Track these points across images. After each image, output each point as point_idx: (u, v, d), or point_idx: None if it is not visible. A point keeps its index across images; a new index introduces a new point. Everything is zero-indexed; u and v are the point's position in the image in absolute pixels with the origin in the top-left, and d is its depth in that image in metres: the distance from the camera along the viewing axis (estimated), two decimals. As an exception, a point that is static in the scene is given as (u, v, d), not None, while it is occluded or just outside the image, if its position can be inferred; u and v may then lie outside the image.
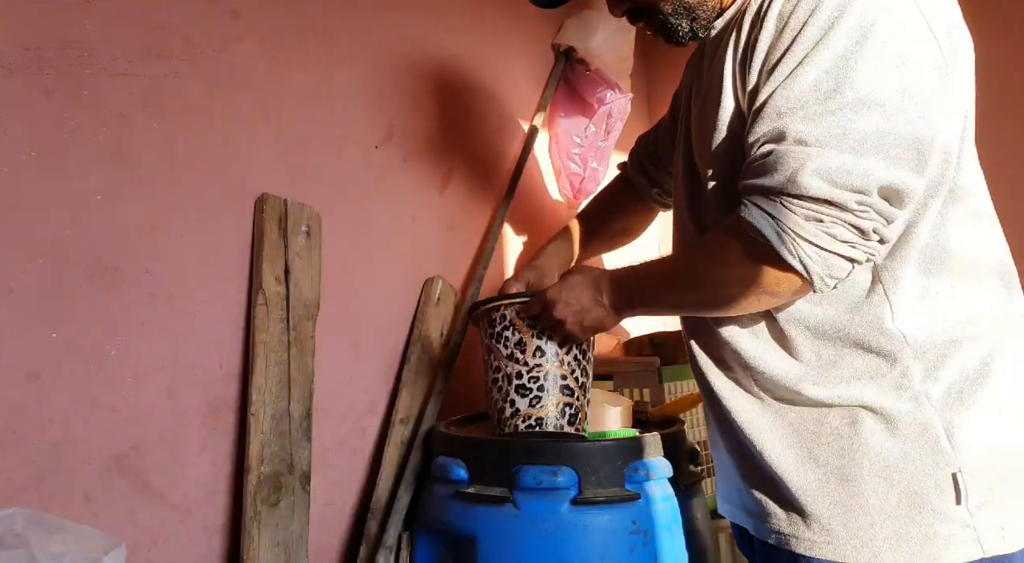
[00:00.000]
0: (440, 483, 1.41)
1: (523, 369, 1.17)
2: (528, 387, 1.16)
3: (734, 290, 0.90)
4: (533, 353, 1.16)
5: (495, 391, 1.21)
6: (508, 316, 1.18)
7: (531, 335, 1.16)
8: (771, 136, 0.84)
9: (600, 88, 2.06)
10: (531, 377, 1.16)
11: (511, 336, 1.18)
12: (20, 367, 1.13)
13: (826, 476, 0.91)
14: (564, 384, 1.17)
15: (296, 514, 1.39)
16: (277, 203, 1.45)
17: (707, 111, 1.00)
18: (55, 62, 1.19)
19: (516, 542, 1.28)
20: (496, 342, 1.20)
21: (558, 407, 1.17)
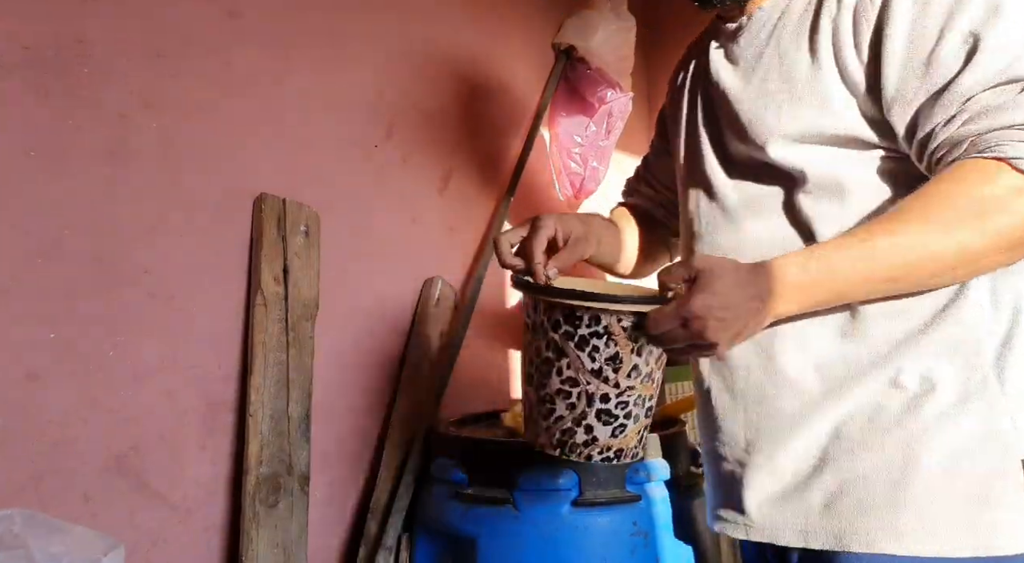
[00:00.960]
0: (440, 484, 1.41)
1: (611, 392, 0.88)
2: (614, 414, 0.90)
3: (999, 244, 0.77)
4: (628, 373, 0.88)
5: (560, 403, 0.92)
6: (606, 321, 0.86)
7: (630, 350, 0.87)
8: (1012, 77, 0.76)
9: (601, 87, 2.06)
10: (620, 402, 0.89)
11: (603, 348, 0.87)
12: (19, 367, 1.13)
13: (886, 464, 0.84)
14: (649, 406, 0.92)
15: (295, 515, 1.39)
16: (276, 203, 1.45)
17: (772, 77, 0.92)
18: (55, 62, 1.19)
19: (516, 543, 1.28)
20: (577, 348, 0.88)
21: (639, 434, 0.93)
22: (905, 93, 0.81)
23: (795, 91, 0.88)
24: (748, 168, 0.96)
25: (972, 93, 0.77)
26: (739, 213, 0.96)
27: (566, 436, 0.92)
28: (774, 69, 0.92)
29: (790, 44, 0.91)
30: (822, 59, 0.87)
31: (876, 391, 0.86)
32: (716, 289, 0.78)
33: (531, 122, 2.09)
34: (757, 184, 0.95)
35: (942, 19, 0.80)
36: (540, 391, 0.93)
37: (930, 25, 0.80)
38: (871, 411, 0.86)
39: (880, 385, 0.86)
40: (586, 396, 0.89)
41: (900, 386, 0.86)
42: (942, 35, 0.80)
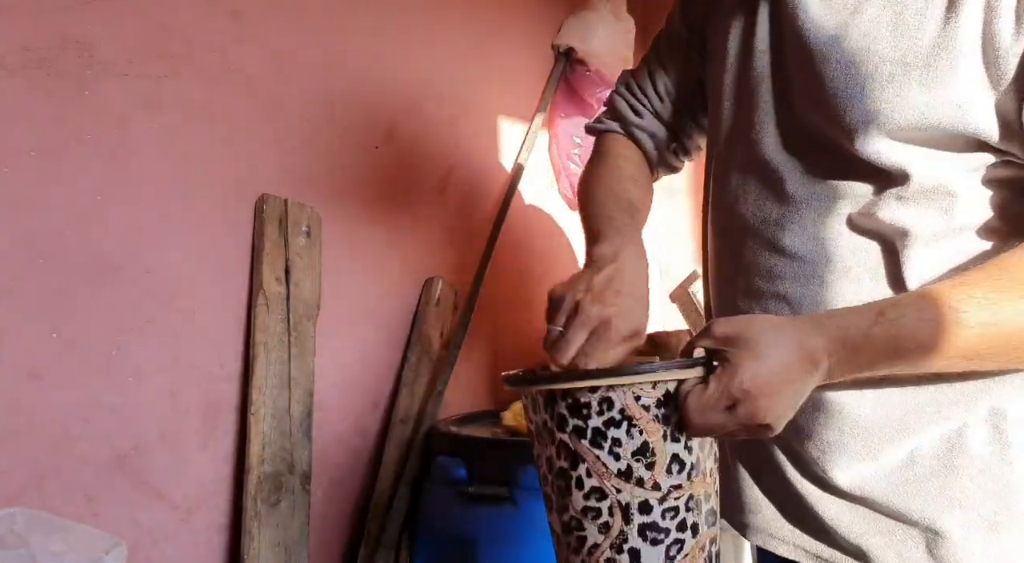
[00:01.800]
0: (440, 483, 1.41)
1: (651, 497, 0.65)
2: (663, 528, 0.66)
3: None
4: (668, 468, 0.65)
5: (588, 526, 0.67)
6: (621, 403, 0.64)
7: (662, 436, 0.65)
8: None
9: (600, 88, 2.07)
10: (667, 509, 0.66)
11: (625, 439, 0.65)
12: (21, 367, 1.13)
13: (974, 518, 0.70)
14: (710, 508, 0.68)
15: (296, 514, 1.39)
16: (277, 203, 1.45)
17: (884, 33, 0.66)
18: (56, 62, 1.19)
19: (516, 541, 1.28)
20: (592, 445, 0.65)
21: (704, 551, 0.68)
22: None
23: (913, 62, 0.64)
24: (823, 151, 0.72)
25: None
26: (803, 208, 0.74)
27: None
28: (886, 21, 0.66)
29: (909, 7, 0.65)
30: (963, 22, 0.62)
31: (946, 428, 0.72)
32: (762, 354, 0.59)
33: (531, 123, 2.09)
34: (831, 174, 0.72)
35: None
36: (563, 516, 0.69)
37: None
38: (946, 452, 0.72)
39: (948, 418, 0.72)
40: (620, 509, 0.66)
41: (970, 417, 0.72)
42: None
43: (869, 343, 0.61)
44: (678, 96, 0.96)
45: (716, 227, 0.85)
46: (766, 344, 0.60)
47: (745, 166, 0.79)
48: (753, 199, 0.78)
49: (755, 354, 0.59)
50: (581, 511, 0.67)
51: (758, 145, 0.77)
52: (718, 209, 0.84)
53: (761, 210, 0.77)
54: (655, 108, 0.97)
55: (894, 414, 0.72)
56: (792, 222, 0.74)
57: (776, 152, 0.76)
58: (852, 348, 0.61)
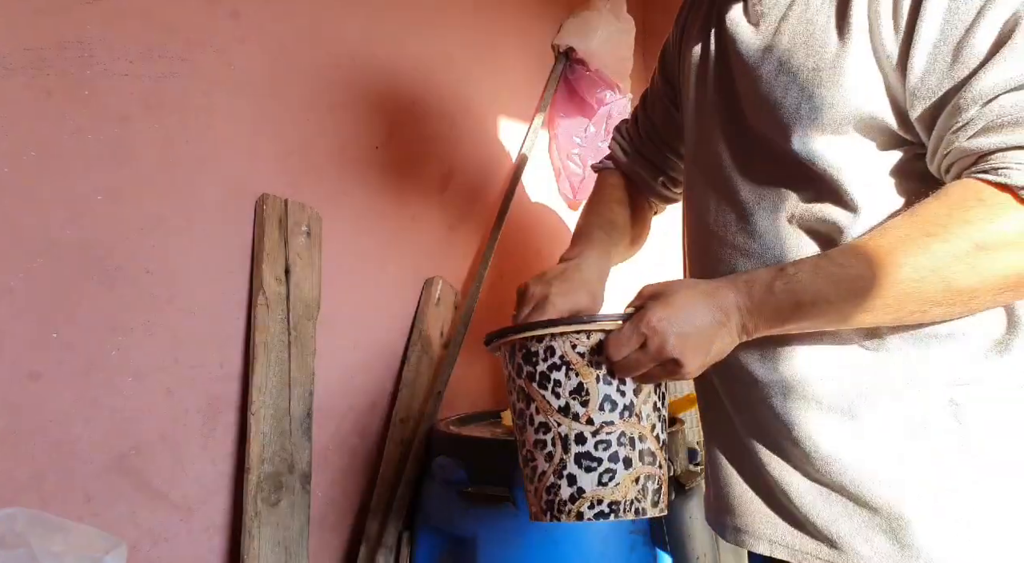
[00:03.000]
0: (440, 483, 1.41)
1: (586, 430, 0.78)
2: (596, 457, 0.78)
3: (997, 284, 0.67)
4: (600, 405, 0.77)
5: (538, 457, 0.81)
6: (560, 350, 0.78)
7: (595, 379, 0.77)
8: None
9: (600, 88, 2.07)
10: (599, 442, 0.77)
11: (564, 380, 0.78)
12: (21, 367, 1.13)
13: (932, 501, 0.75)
14: (644, 448, 0.79)
15: (296, 513, 1.39)
16: (277, 203, 1.45)
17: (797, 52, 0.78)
18: (56, 62, 1.19)
19: (516, 541, 1.28)
20: (539, 387, 0.79)
21: (637, 483, 0.79)
22: (929, 83, 0.69)
23: (822, 68, 0.76)
24: (765, 155, 0.82)
25: (992, 94, 0.65)
26: (754, 211, 0.84)
27: (551, 494, 0.81)
28: (800, 37, 0.78)
29: (820, 9, 0.78)
30: (854, 32, 0.73)
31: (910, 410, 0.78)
32: (673, 302, 0.73)
33: (531, 123, 2.09)
34: (772, 176, 0.82)
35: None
36: (522, 450, 0.84)
37: (971, 4, 0.67)
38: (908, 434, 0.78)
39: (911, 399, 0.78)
40: (560, 440, 0.79)
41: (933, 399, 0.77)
42: (979, 17, 0.66)
43: (772, 296, 0.72)
44: (662, 137, 1.12)
45: (688, 232, 0.97)
46: (678, 295, 0.73)
47: (707, 177, 0.91)
48: (714, 206, 0.89)
49: (666, 302, 0.73)
50: (533, 444, 0.81)
51: (715, 156, 0.89)
52: (688, 216, 0.96)
53: (721, 215, 0.88)
54: (639, 148, 1.15)
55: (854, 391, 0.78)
56: (746, 225, 0.84)
57: (728, 161, 0.87)
58: (759, 301, 0.73)
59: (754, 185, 0.84)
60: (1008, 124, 0.65)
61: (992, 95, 0.66)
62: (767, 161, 0.82)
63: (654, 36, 2.52)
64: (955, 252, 0.66)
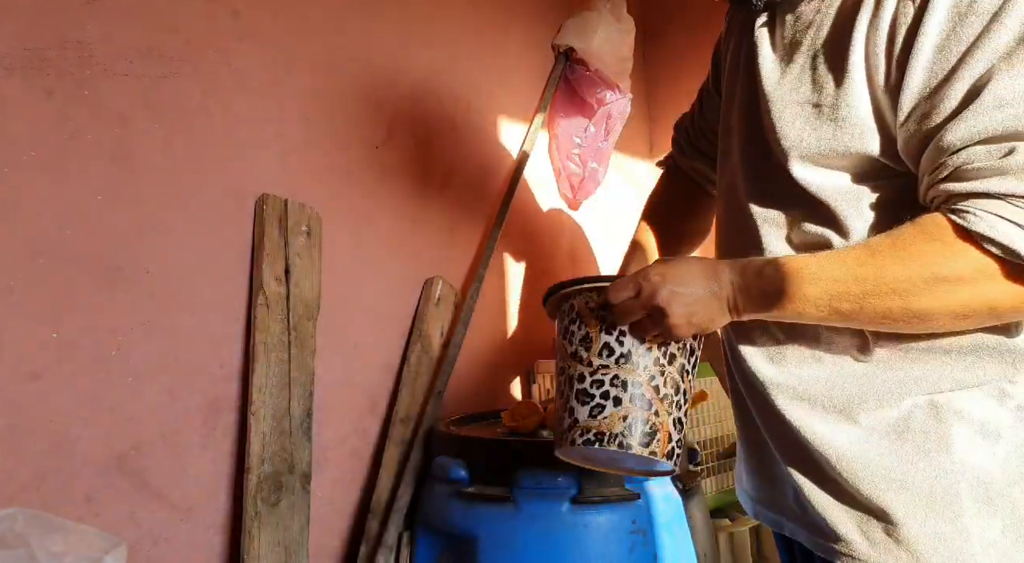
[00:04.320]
0: (440, 482, 1.41)
1: (585, 371, 0.90)
2: (590, 393, 0.89)
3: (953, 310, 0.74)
4: (600, 351, 0.90)
5: (558, 398, 0.96)
6: (576, 306, 0.92)
7: (598, 329, 0.90)
8: (1003, 132, 0.70)
9: (600, 88, 2.07)
10: (594, 381, 0.89)
11: (576, 331, 0.92)
12: (21, 367, 1.13)
13: (915, 499, 0.80)
14: (636, 393, 0.89)
15: (296, 513, 1.39)
16: (277, 203, 1.45)
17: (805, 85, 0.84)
18: (56, 62, 1.19)
19: (516, 541, 1.28)
20: (563, 337, 0.94)
21: (625, 421, 0.88)
22: (913, 126, 0.75)
23: (823, 105, 0.82)
24: (774, 176, 0.88)
25: (963, 143, 0.71)
26: (759, 225, 0.91)
27: (561, 425, 0.93)
28: (807, 70, 0.84)
29: (830, 41, 0.82)
30: (852, 71, 0.79)
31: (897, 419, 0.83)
32: (673, 263, 0.85)
33: (531, 123, 2.09)
34: (777, 198, 0.89)
35: (968, 41, 0.71)
36: (557, 393, 0.97)
37: (952, 53, 0.72)
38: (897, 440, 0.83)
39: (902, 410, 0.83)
40: (568, 381, 0.92)
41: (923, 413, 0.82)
42: (958, 67, 0.72)
43: (760, 279, 0.81)
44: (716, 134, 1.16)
45: (717, 239, 1.05)
46: (680, 261, 0.86)
47: (728, 195, 0.99)
48: (734, 218, 0.97)
49: (667, 263, 0.85)
50: (558, 386, 0.96)
51: (732, 177, 0.98)
52: (717, 224, 1.05)
53: (738, 227, 0.95)
54: (698, 145, 1.23)
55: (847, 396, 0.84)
56: (756, 239, 0.91)
57: (740, 183, 0.95)
58: (749, 281, 0.82)
59: (762, 204, 0.91)
60: (972, 172, 0.71)
61: (959, 145, 0.72)
62: (775, 183, 0.88)
63: (654, 36, 2.52)
64: (914, 277, 0.73)
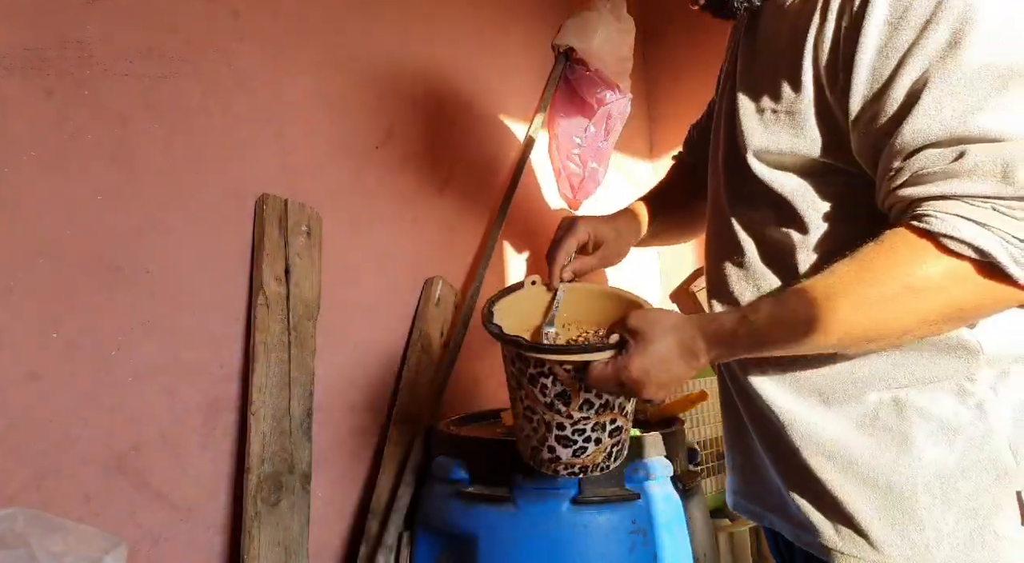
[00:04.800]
0: (440, 483, 1.41)
1: (565, 422, 0.96)
2: (572, 439, 0.97)
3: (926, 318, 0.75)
4: (580, 406, 0.95)
5: (526, 425, 1.02)
6: (551, 368, 0.93)
7: (578, 389, 0.93)
8: (949, 137, 0.70)
9: (600, 88, 2.07)
10: (576, 429, 0.96)
11: (551, 386, 0.94)
12: (20, 367, 1.13)
13: (875, 491, 0.83)
14: (614, 427, 0.98)
15: (296, 514, 1.39)
16: (277, 203, 1.45)
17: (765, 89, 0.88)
18: (55, 62, 1.19)
19: (516, 541, 1.28)
20: (530, 383, 0.97)
21: (606, 451, 1.00)
22: (863, 129, 0.78)
23: (779, 111, 0.86)
24: (741, 175, 0.92)
25: (912, 147, 0.73)
26: (733, 222, 0.96)
27: (535, 453, 1.03)
28: (767, 71, 0.89)
29: (785, 48, 0.86)
30: (804, 79, 0.82)
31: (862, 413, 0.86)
32: (653, 351, 0.85)
33: (531, 123, 2.09)
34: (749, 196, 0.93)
35: (904, 47, 0.73)
36: (513, 409, 1.06)
37: (892, 54, 0.74)
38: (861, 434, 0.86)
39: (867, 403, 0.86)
40: (544, 424, 0.98)
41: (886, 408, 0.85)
42: (899, 68, 0.73)
43: (736, 339, 0.83)
44: None
45: (706, 237, 1.08)
46: (658, 343, 0.85)
47: (712, 193, 1.03)
48: (715, 220, 1.02)
49: (646, 350, 0.85)
50: (521, 414, 1.02)
51: (715, 174, 1.03)
52: (707, 227, 1.09)
53: (717, 229, 1.00)
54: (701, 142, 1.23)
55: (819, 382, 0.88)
56: (733, 236, 0.95)
57: (720, 181, 0.99)
58: (725, 344, 0.84)
59: (738, 205, 0.96)
60: (927, 175, 0.72)
61: (911, 148, 0.73)
62: (745, 183, 0.92)
63: (654, 36, 2.52)
64: (886, 294, 0.74)
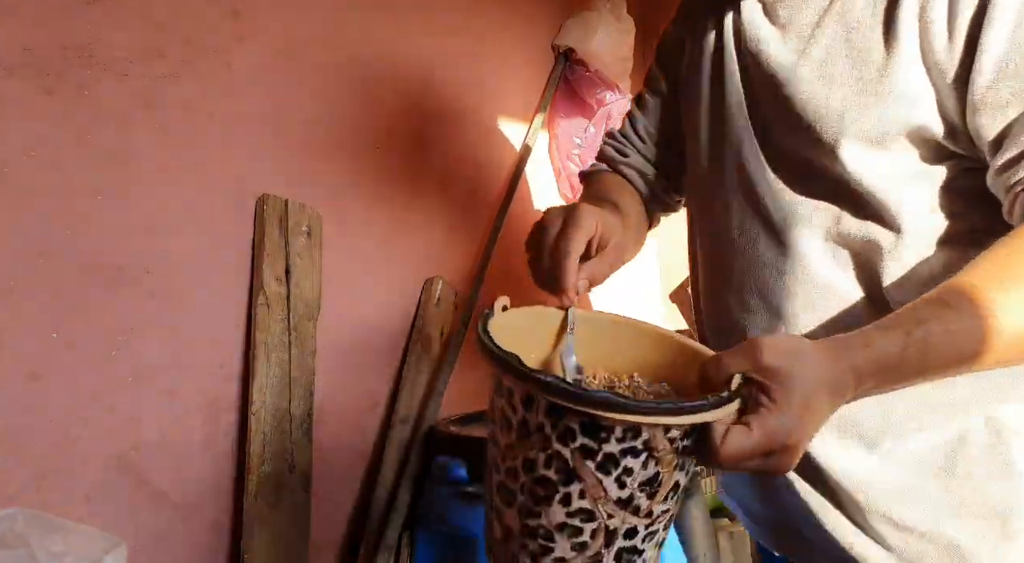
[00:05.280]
0: (440, 482, 1.41)
1: (640, 524, 0.60)
2: (639, 550, 0.61)
3: None
4: (666, 496, 0.60)
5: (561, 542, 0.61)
6: (647, 436, 0.56)
7: (674, 468, 0.59)
8: None
9: (600, 89, 2.07)
10: (649, 533, 0.61)
11: (638, 470, 0.57)
12: (21, 367, 1.13)
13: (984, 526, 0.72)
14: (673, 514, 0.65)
15: (297, 514, 1.39)
16: (278, 203, 1.45)
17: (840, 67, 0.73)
18: (56, 63, 1.19)
19: (516, 541, 1.28)
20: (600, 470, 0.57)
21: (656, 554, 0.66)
22: (998, 97, 0.65)
23: (866, 78, 0.71)
24: (800, 167, 0.77)
25: None
26: (784, 227, 0.78)
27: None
28: (839, 44, 0.73)
29: (863, 14, 0.72)
30: (902, 38, 0.69)
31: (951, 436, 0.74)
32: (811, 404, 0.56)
33: (531, 123, 2.09)
34: (809, 190, 0.76)
35: None
36: (526, 519, 0.62)
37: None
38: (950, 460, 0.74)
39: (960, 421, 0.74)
40: (604, 533, 0.60)
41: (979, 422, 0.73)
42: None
43: (900, 368, 0.60)
44: (660, 137, 1.02)
45: (703, 244, 0.90)
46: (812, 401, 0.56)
47: (730, 187, 0.83)
48: (739, 219, 0.82)
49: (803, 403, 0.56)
50: (557, 526, 0.60)
51: (741, 167, 0.82)
52: (703, 226, 0.89)
53: (748, 229, 0.81)
54: (639, 149, 1.04)
55: (894, 414, 0.74)
56: (778, 241, 0.78)
57: (756, 173, 0.80)
58: (884, 377, 0.60)
59: (787, 200, 0.77)
60: None
61: None
62: (803, 174, 0.76)
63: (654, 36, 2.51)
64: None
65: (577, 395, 0.54)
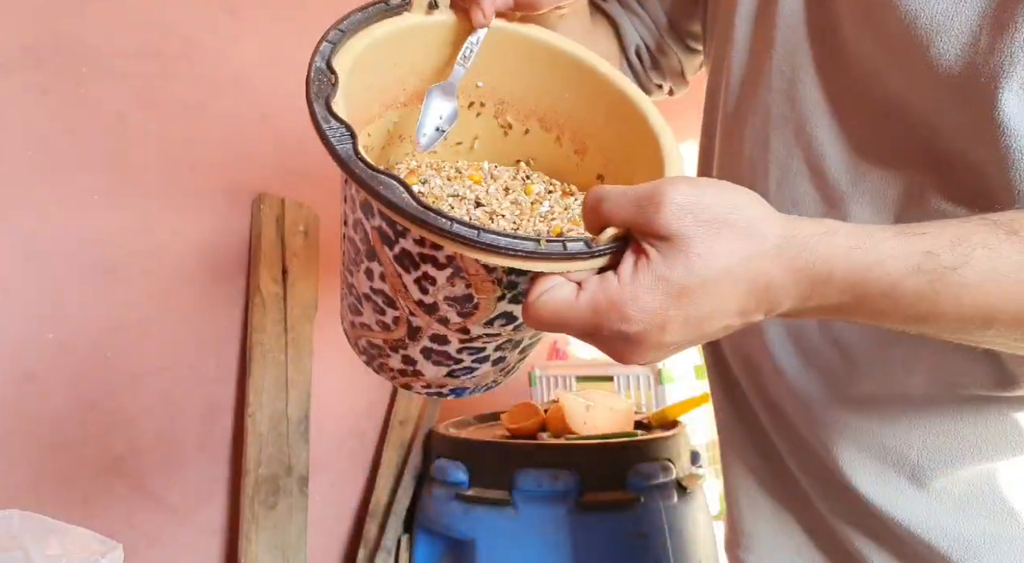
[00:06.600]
0: (439, 485, 1.41)
1: (452, 336, 0.55)
2: (455, 358, 0.57)
3: None
4: (490, 321, 0.53)
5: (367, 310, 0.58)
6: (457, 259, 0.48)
7: (495, 297, 0.50)
8: None
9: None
10: (468, 348, 0.56)
11: (443, 283, 0.50)
12: (17, 368, 1.12)
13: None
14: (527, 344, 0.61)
15: (294, 517, 1.38)
16: (275, 203, 1.44)
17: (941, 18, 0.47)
18: (53, 61, 1.18)
19: (516, 545, 1.27)
20: (397, 263, 0.52)
21: (507, 370, 0.63)
22: None
23: None
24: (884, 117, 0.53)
25: None
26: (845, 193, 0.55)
27: (375, 351, 0.62)
28: None
29: None
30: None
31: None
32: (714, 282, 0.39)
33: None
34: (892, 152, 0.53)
35: None
36: (345, 273, 0.60)
37: None
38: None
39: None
40: (407, 326, 0.55)
41: None
42: None
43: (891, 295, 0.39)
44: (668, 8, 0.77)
45: None
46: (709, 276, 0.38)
47: (773, 133, 0.59)
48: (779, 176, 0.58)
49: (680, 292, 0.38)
50: (363, 295, 0.56)
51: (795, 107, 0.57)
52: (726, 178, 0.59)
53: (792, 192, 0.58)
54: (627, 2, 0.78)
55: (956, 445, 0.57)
56: (833, 214, 0.56)
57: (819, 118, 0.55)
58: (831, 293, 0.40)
59: (855, 162, 0.54)
60: None
61: None
62: (888, 127, 0.52)
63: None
64: None
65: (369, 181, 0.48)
